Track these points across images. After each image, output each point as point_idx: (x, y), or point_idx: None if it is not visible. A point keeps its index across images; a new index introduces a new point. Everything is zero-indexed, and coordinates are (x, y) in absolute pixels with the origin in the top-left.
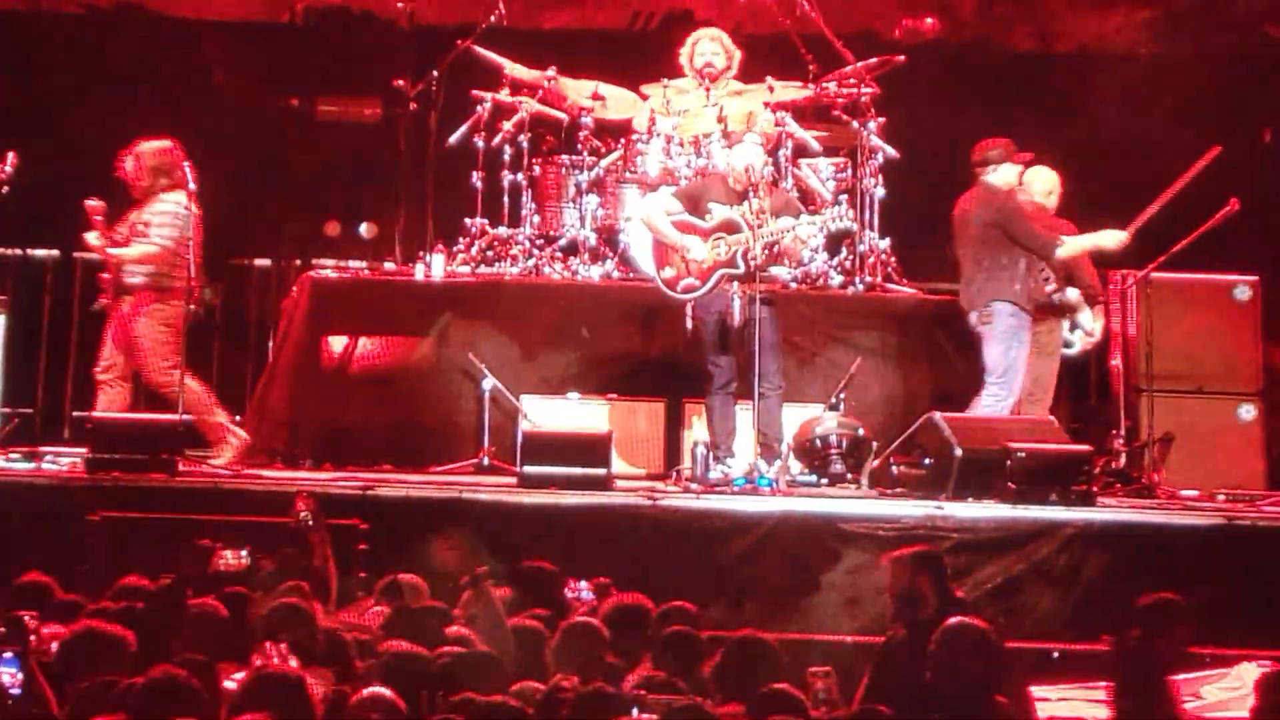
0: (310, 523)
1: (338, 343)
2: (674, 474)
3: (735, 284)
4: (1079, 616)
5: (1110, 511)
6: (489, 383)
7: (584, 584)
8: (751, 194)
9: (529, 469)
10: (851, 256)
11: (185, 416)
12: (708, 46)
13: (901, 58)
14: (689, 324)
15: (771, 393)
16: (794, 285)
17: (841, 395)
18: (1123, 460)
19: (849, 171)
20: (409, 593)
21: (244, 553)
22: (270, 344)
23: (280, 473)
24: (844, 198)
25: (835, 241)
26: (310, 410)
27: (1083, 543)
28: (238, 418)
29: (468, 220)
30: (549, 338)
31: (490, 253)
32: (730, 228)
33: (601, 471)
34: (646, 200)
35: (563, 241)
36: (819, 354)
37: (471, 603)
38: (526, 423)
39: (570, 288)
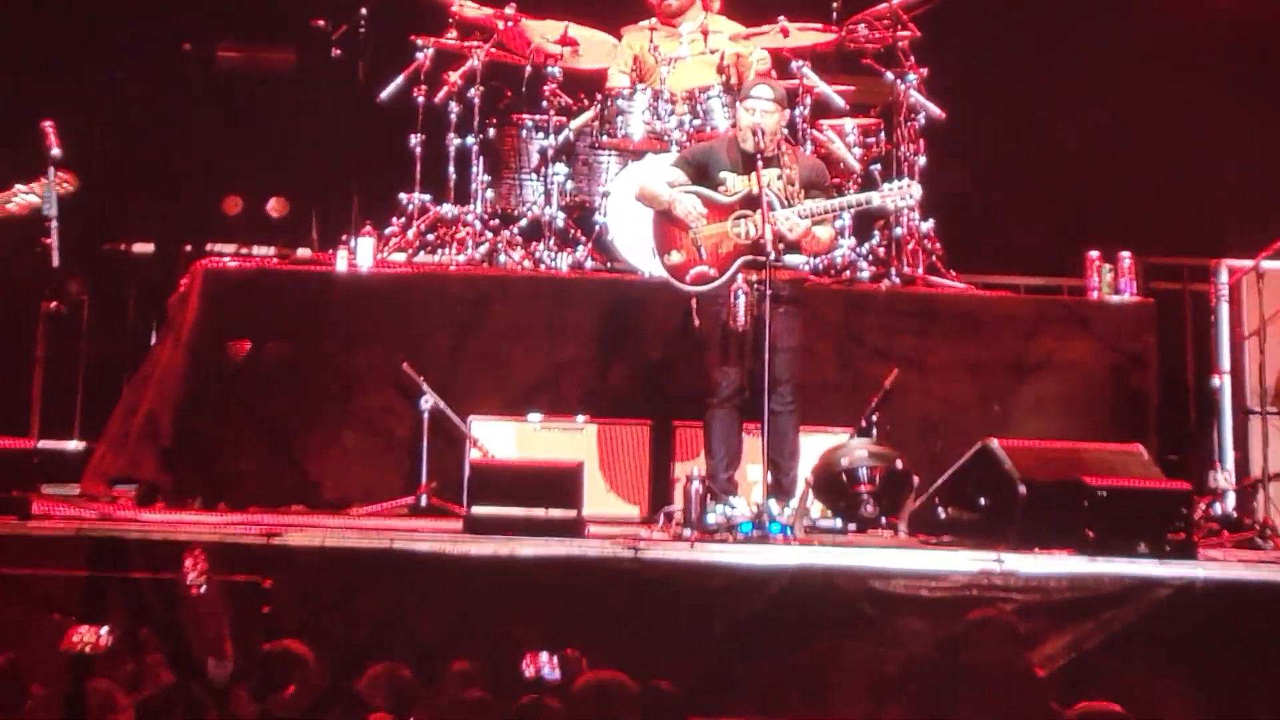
0: (202, 587)
1: (237, 349)
2: (662, 517)
3: (741, 276)
4: (1175, 700)
5: (1215, 567)
6: (429, 401)
7: (547, 657)
8: (761, 161)
9: (479, 510)
10: (885, 242)
11: (41, 444)
12: None
13: None
14: (695, 321)
15: (785, 410)
16: (814, 278)
17: (874, 417)
18: (1230, 501)
19: (882, 135)
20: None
21: (104, 630)
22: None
23: (162, 515)
24: (876, 168)
25: (866, 223)
26: (201, 435)
27: (1181, 606)
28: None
29: (404, 196)
30: (505, 344)
31: (432, 236)
32: (754, 203)
33: (570, 514)
34: (640, 168)
35: (523, 222)
36: (846, 364)
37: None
38: (476, 451)
39: (533, 281)
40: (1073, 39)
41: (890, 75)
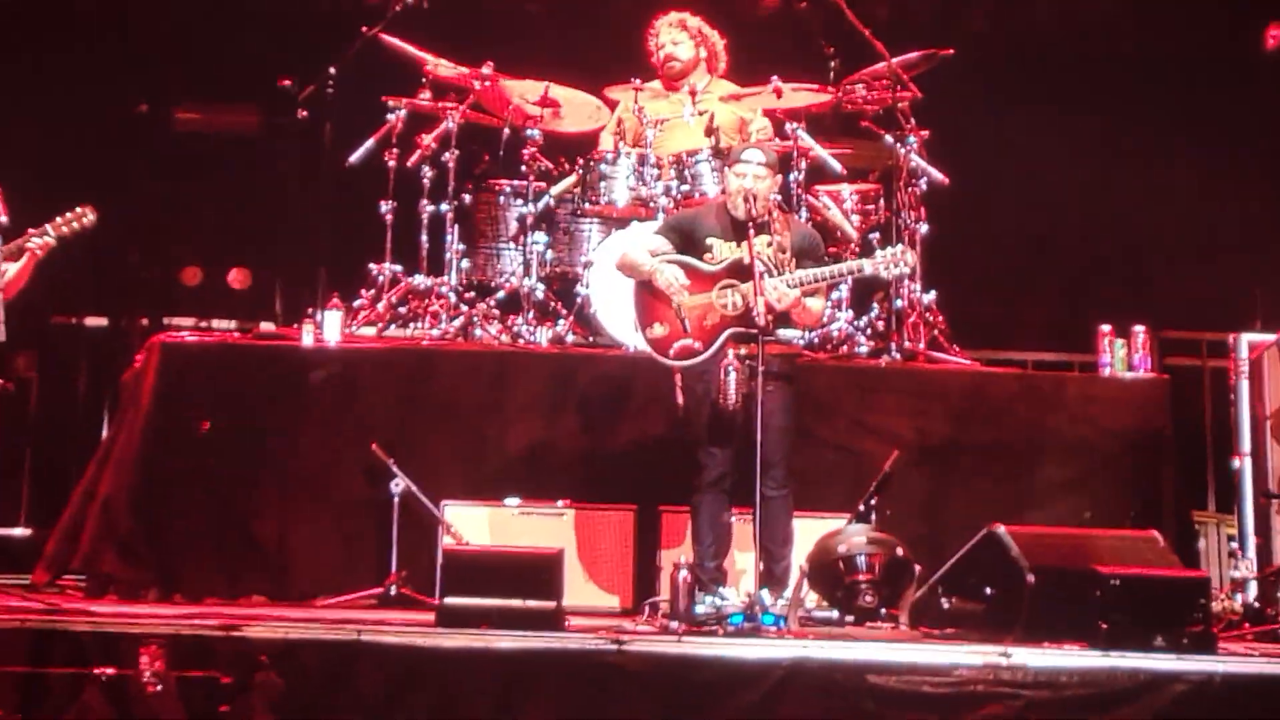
0: (158, 685)
1: (196, 429)
2: (647, 608)
3: (730, 350)
4: None
5: (1236, 661)
6: (399, 484)
7: None
8: (752, 228)
9: (452, 601)
10: (885, 315)
11: None
12: (668, 34)
13: (950, 50)
14: (680, 399)
15: (778, 494)
16: (808, 353)
17: (873, 502)
18: (1251, 592)
19: (881, 201)
20: None
21: None
22: (105, 430)
23: (114, 608)
24: (875, 236)
25: (864, 295)
26: (157, 520)
27: (1200, 703)
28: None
29: (374, 266)
30: (481, 423)
31: (404, 309)
32: (744, 273)
33: (549, 605)
34: (623, 236)
35: (501, 294)
36: (843, 446)
37: None
38: (449, 538)
39: (510, 356)
40: (1083, 102)
41: (890, 138)
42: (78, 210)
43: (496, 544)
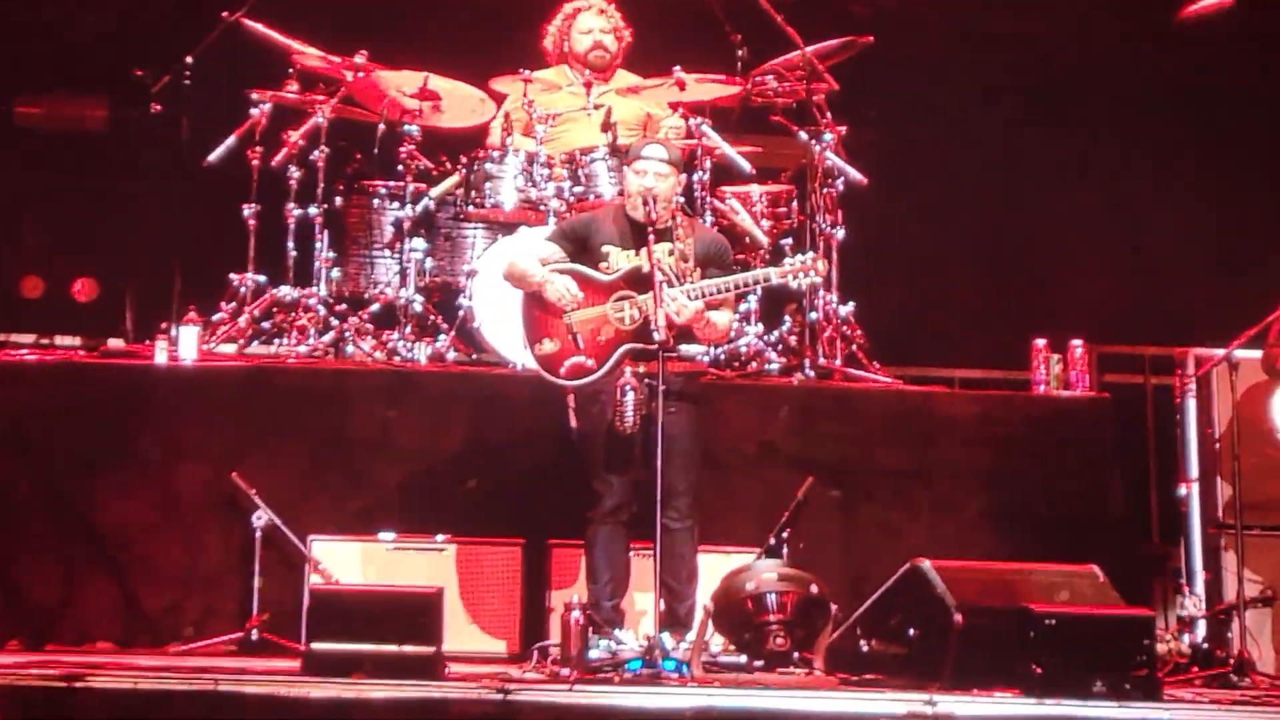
0: None
1: (33, 459)
2: (536, 653)
3: (628, 368)
4: None
5: (1184, 709)
6: (262, 517)
7: None
8: (652, 233)
9: (320, 646)
10: (798, 329)
11: None
12: (595, 21)
13: (869, 38)
14: (574, 422)
15: (681, 527)
16: (714, 370)
17: (785, 534)
18: (1200, 632)
19: (795, 204)
20: None
21: None
22: None
23: None
24: (787, 242)
25: (775, 307)
26: None
27: None
28: None
29: (235, 276)
30: (353, 450)
31: (268, 324)
32: (642, 283)
33: (428, 649)
34: (510, 243)
35: (375, 307)
36: (752, 472)
37: None
38: (317, 576)
39: (386, 375)
40: (1019, 99)
41: (804, 135)
42: None
43: (369, 583)
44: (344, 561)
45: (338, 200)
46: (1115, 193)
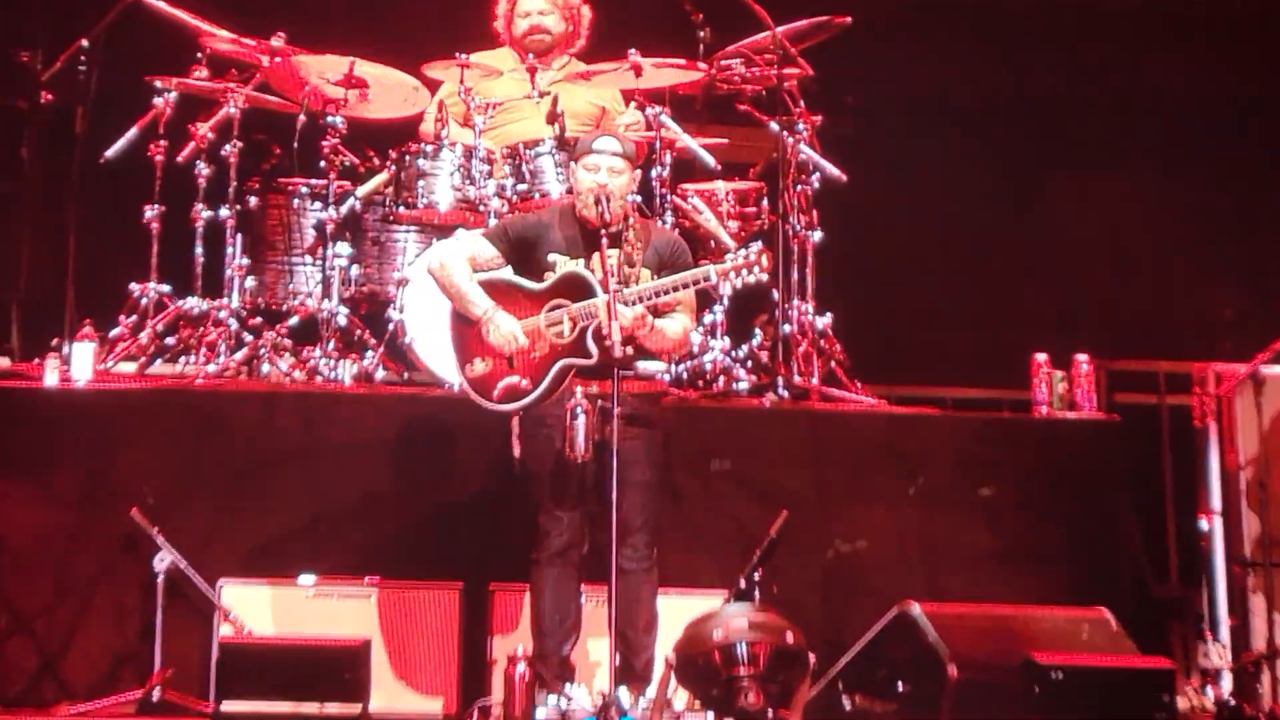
0: None
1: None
2: (476, 712)
3: (580, 389)
4: None
5: None
6: (165, 559)
7: None
8: (606, 236)
9: (231, 707)
10: (770, 343)
11: None
12: (535, 1)
13: (847, 18)
14: (516, 450)
15: (638, 568)
16: (676, 390)
17: (756, 575)
18: (1226, 685)
19: (765, 203)
20: None
21: None
22: None
23: None
24: (757, 245)
25: (744, 318)
26: None
27: None
28: None
29: (135, 286)
30: (270, 482)
31: (173, 340)
32: (578, 289)
33: (353, 709)
34: (438, 247)
35: (294, 320)
36: (718, 506)
37: None
38: (227, 626)
39: (306, 397)
40: (1016, 86)
41: (775, 126)
42: None
43: (287, 633)
44: (257, 609)
45: (252, 200)
46: (1125, 188)
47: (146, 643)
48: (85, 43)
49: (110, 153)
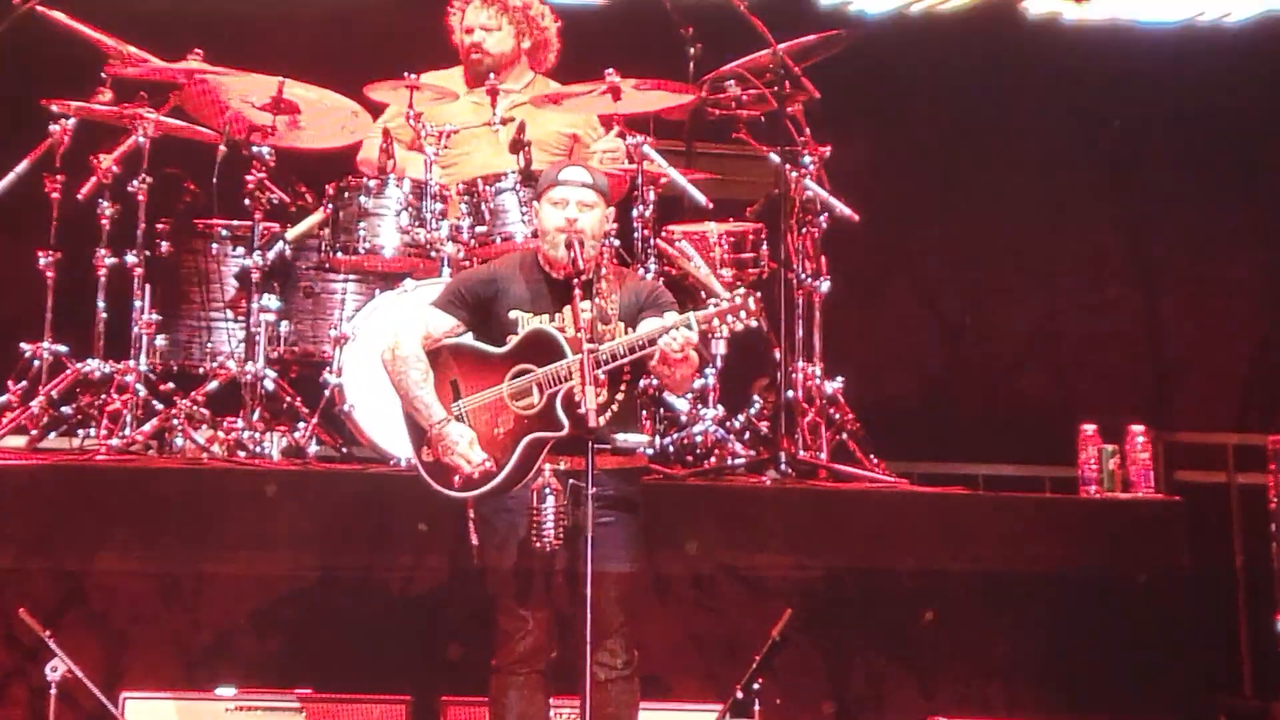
0: None
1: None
2: None
3: (548, 466)
4: None
5: None
6: (58, 667)
7: None
8: (578, 286)
9: None
10: (770, 413)
11: None
12: (475, 15)
13: (855, 31)
14: (474, 538)
15: (617, 676)
16: (660, 468)
17: (755, 685)
18: None
19: (765, 248)
20: None
21: None
22: None
23: None
24: (755, 295)
25: (741, 382)
26: None
27: None
28: None
29: (26, 346)
30: (182, 575)
31: (70, 409)
32: (544, 351)
33: None
34: (393, 312)
35: (213, 385)
36: (710, 603)
37: None
38: None
39: (227, 476)
40: (1059, 112)
41: (775, 157)
42: None
43: None
44: None
45: (164, 245)
46: (1184, 236)
47: None
48: None
49: None
